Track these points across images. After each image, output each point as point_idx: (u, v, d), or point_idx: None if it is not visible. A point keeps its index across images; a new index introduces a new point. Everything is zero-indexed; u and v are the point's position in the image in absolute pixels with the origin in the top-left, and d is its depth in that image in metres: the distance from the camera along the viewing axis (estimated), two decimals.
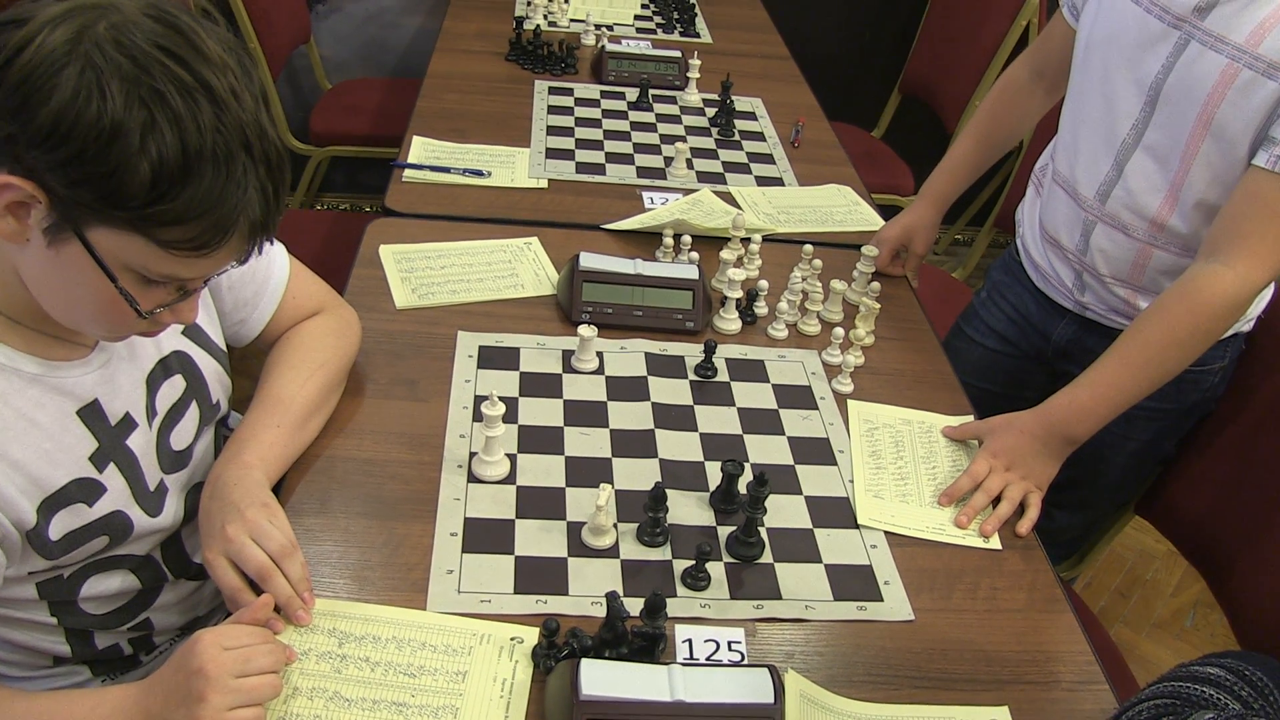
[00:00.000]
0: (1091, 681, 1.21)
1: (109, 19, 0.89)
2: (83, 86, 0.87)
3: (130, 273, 0.97)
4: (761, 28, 3.10)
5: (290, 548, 1.13)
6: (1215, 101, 1.45)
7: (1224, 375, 1.74)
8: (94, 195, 0.90)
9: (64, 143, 0.87)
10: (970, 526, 1.40)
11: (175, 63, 0.89)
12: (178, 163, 0.89)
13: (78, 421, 1.09)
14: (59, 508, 1.08)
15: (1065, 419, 1.47)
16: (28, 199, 0.91)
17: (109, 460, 1.13)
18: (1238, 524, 1.69)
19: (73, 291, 0.99)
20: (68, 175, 0.89)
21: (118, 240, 0.93)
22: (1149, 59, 1.54)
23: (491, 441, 1.34)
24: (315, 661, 1.09)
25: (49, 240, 0.94)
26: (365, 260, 1.75)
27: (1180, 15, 1.49)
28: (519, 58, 2.60)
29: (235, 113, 0.92)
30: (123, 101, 0.87)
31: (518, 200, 1.99)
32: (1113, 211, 1.64)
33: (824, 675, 1.16)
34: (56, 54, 0.87)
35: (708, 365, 1.59)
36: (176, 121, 0.89)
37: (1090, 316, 1.78)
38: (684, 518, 1.34)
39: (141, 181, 0.89)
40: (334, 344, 1.39)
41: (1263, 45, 1.41)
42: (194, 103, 0.90)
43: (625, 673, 1.05)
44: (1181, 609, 2.80)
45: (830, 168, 2.29)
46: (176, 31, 0.91)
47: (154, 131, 0.88)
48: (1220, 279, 1.43)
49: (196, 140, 0.90)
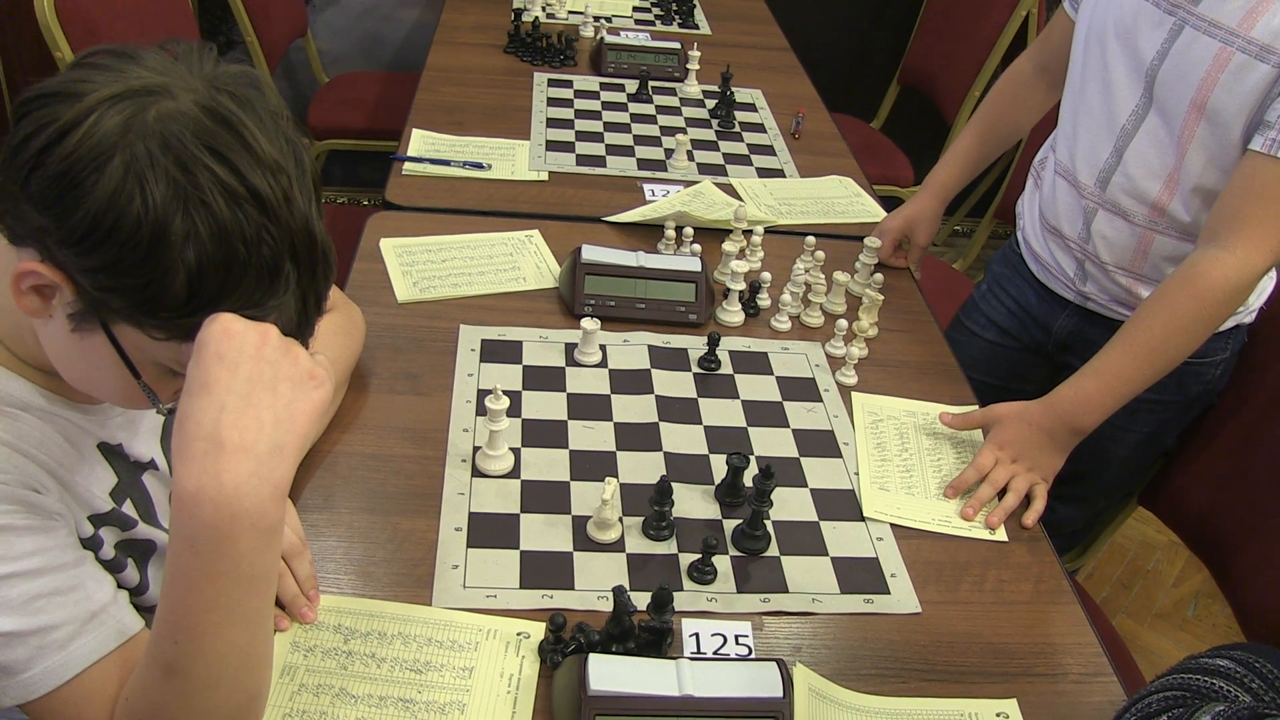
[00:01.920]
0: (1099, 674, 1.21)
1: (160, 106, 0.82)
2: (124, 189, 0.80)
3: (155, 366, 0.92)
4: (760, 19, 3.09)
5: (300, 546, 1.13)
6: (1209, 86, 1.46)
7: (1225, 368, 1.73)
8: (125, 303, 0.84)
9: (98, 248, 0.81)
10: (976, 518, 1.39)
11: (222, 166, 0.82)
12: (217, 275, 0.83)
13: (99, 457, 1.06)
14: (102, 525, 1.05)
15: (1072, 410, 1.46)
16: (52, 284, 0.86)
17: (126, 496, 1.09)
18: (1242, 515, 1.69)
19: (93, 373, 0.94)
20: (99, 280, 0.83)
21: (143, 338, 0.88)
22: (1144, 46, 1.55)
23: (495, 435, 1.33)
24: (321, 658, 1.09)
25: (72, 326, 0.88)
26: (366, 254, 1.74)
27: (1174, 1, 1.50)
28: (518, 50, 2.59)
29: (285, 220, 0.85)
30: (164, 209, 0.80)
31: (518, 193, 1.99)
32: (1113, 198, 1.64)
33: (832, 668, 1.16)
34: (101, 148, 0.80)
35: (711, 358, 1.58)
36: (220, 232, 0.82)
37: (1091, 308, 1.78)
38: (689, 511, 1.33)
39: (177, 293, 0.83)
40: (342, 343, 1.38)
41: (1255, 29, 1.42)
42: (240, 210, 0.82)
43: (633, 667, 1.04)
44: (1183, 600, 2.80)
45: (831, 159, 2.28)
46: (228, 127, 0.83)
47: (194, 241, 0.81)
48: (1221, 264, 1.43)
49: (240, 251, 0.83)
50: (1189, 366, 1.57)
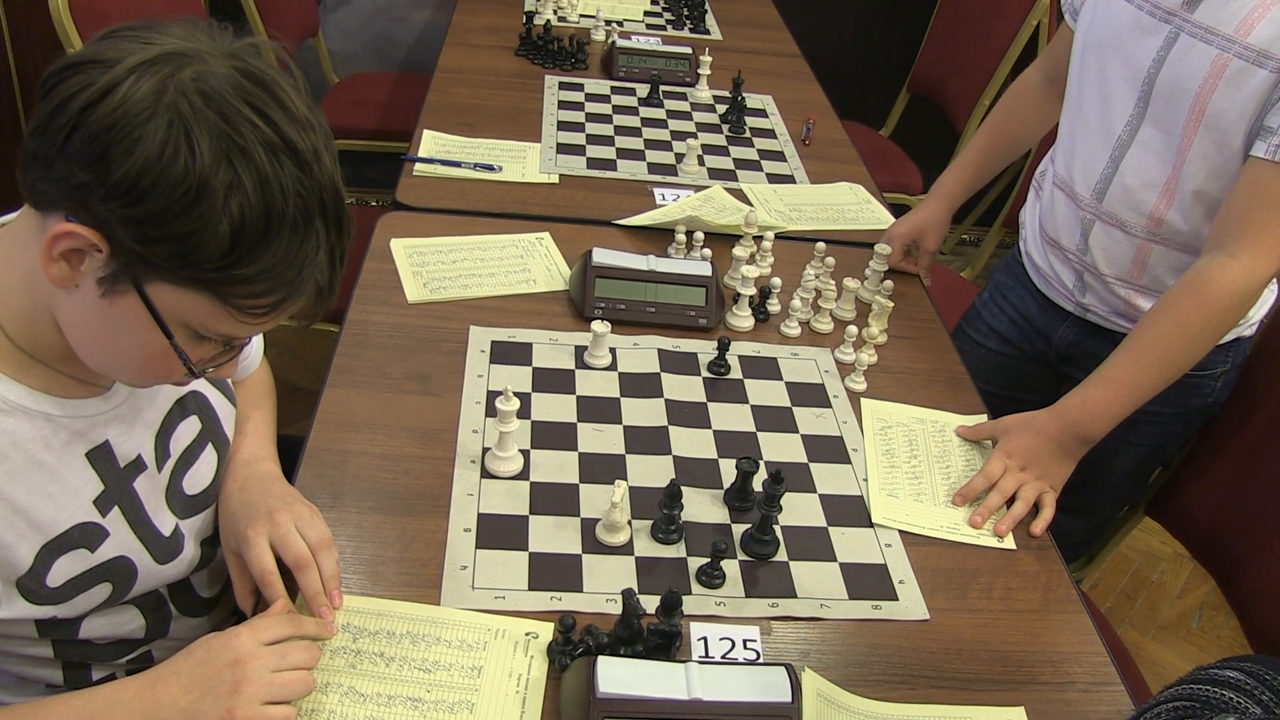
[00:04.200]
0: (1107, 683, 1.21)
1: (194, 68, 0.85)
2: (170, 140, 0.82)
3: (185, 329, 0.93)
4: (772, 25, 3.09)
5: (329, 543, 1.14)
6: (1207, 93, 1.46)
7: (1226, 381, 1.73)
8: (167, 254, 0.85)
9: (144, 198, 0.83)
10: (984, 526, 1.39)
11: (261, 119, 0.85)
12: (258, 226, 0.85)
13: (85, 464, 1.05)
14: (60, 553, 1.02)
15: (1079, 418, 1.46)
16: (87, 247, 0.87)
17: (113, 504, 1.08)
18: (1250, 527, 1.69)
19: (118, 342, 0.95)
20: (142, 232, 0.84)
21: (178, 297, 0.89)
22: (1140, 54, 1.55)
23: (505, 437, 1.34)
24: (330, 657, 1.09)
25: (103, 290, 0.89)
26: (376, 254, 1.74)
27: (1170, 9, 1.51)
28: (529, 52, 2.59)
29: (317, 175, 0.88)
30: (210, 159, 0.83)
31: (529, 195, 1.99)
32: (1110, 209, 1.64)
33: (840, 674, 1.16)
34: (144, 103, 0.82)
35: (721, 362, 1.58)
36: (262, 183, 0.84)
37: (1091, 319, 1.78)
38: (698, 515, 1.33)
39: (219, 243, 0.85)
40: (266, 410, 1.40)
41: (1252, 34, 1.42)
42: (279, 163, 0.85)
43: (642, 670, 1.04)
44: (1188, 611, 2.79)
45: (842, 165, 2.29)
46: (262, 86, 0.87)
47: (238, 191, 0.84)
48: (1227, 271, 1.43)
49: (279, 203, 0.86)
50: (1189, 379, 1.57)
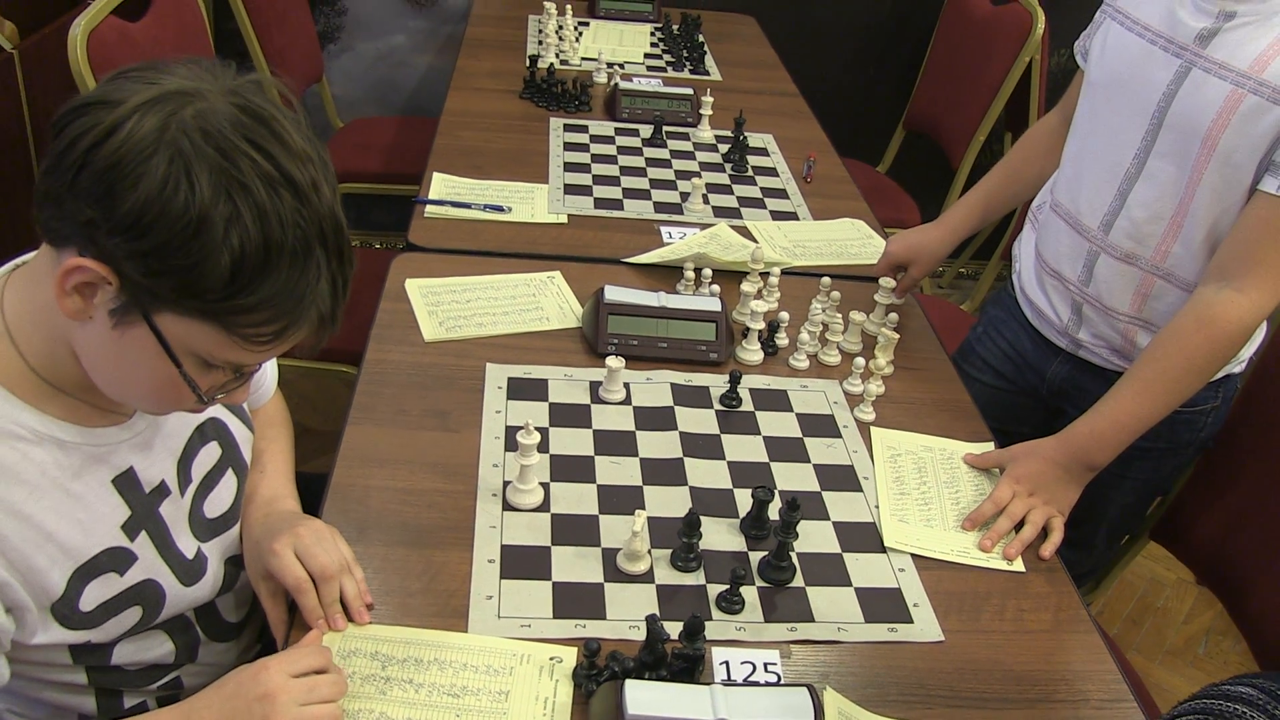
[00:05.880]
0: (1120, 700, 1.24)
1: (195, 105, 0.89)
2: (171, 176, 0.86)
3: (193, 358, 0.97)
4: (769, 64, 3.15)
5: (353, 563, 1.19)
6: (1220, 128, 1.47)
7: (1217, 416, 1.75)
8: (172, 285, 0.90)
9: (148, 232, 0.87)
10: (994, 550, 1.42)
11: (260, 154, 0.89)
12: (258, 257, 0.89)
13: (112, 490, 1.09)
14: (91, 577, 1.07)
15: (1086, 445, 1.50)
16: (97, 280, 0.91)
17: (140, 528, 1.12)
18: (1256, 549, 1.71)
19: (131, 372, 0.99)
20: (148, 265, 0.89)
21: (185, 326, 0.93)
22: (1150, 87, 1.56)
23: (526, 470, 1.37)
24: (360, 684, 1.12)
25: (114, 322, 0.93)
26: (391, 294, 1.78)
27: (1183, 44, 1.52)
28: (533, 95, 2.64)
29: (315, 206, 0.92)
30: (210, 193, 0.87)
31: (538, 235, 2.03)
32: (1116, 241, 1.65)
33: (859, 695, 1.18)
34: (146, 141, 0.86)
35: (733, 395, 1.61)
36: (261, 215, 0.88)
37: (1084, 355, 1.79)
38: (716, 543, 1.36)
39: (221, 274, 0.89)
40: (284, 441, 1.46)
41: (1267, 71, 1.43)
42: (277, 195, 0.89)
43: (669, 693, 1.07)
44: (1194, 636, 2.81)
45: (843, 201, 2.33)
46: (261, 122, 0.91)
47: (238, 224, 0.88)
48: (1236, 306, 1.46)
49: (278, 234, 0.89)
50: (1180, 415, 1.58)
